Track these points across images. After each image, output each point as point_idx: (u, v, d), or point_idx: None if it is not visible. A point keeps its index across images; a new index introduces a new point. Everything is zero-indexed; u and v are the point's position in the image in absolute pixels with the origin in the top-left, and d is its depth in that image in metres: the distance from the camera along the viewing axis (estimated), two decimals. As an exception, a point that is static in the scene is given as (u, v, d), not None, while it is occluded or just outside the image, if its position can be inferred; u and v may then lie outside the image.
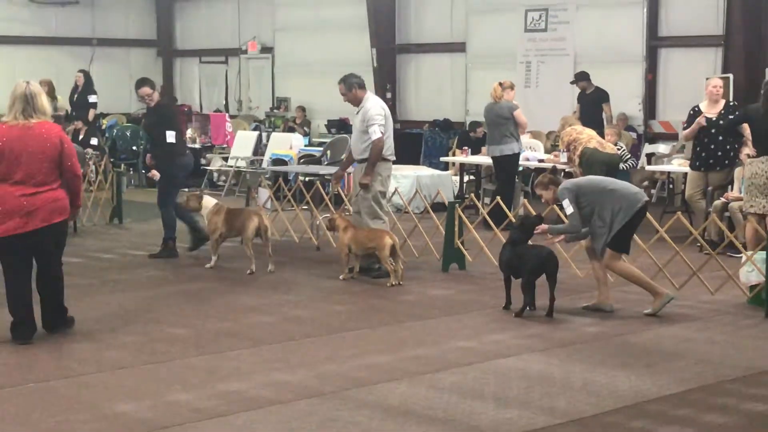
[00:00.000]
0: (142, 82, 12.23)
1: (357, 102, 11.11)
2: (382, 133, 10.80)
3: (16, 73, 23.41)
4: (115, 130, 21.15)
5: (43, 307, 8.26)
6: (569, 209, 9.17)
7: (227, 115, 22.78)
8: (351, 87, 11.13)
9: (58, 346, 7.98)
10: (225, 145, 20.71)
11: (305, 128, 22.34)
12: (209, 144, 21.01)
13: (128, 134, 20.84)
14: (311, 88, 23.37)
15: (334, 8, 23.56)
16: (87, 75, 20.66)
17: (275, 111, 24.42)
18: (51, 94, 17.86)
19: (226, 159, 20.10)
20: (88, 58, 25.64)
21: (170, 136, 11.96)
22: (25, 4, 25.48)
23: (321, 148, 18.28)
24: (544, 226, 9.45)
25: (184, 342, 8.22)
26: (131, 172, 20.22)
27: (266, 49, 25.22)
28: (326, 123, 22.75)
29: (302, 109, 23.23)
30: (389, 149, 11.03)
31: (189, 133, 21.22)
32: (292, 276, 11.11)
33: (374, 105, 10.97)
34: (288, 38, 24.77)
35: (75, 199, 8.21)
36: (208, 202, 11.65)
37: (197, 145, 20.79)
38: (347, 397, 6.77)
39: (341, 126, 21.56)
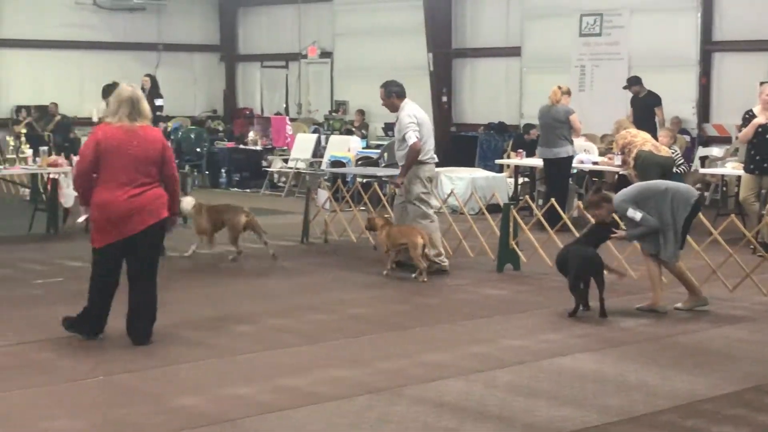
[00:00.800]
0: (106, 93, 12.38)
1: (394, 109, 11.37)
2: (417, 138, 11.00)
3: (85, 77, 23.96)
4: (180, 133, 21.48)
5: (137, 318, 8.09)
6: (638, 215, 9.18)
7: (287, 118, 23.03)
8: (390, 94, 11.37)
9: (123, 340, 8.09)
10: (285, 147, 20.95)
11: (363, 131, 22.49)
12: (270, 146, 21.27)
13: (192, 136, 21.19)
14: (369, 92, 23.32)
15: (392, 14, 23.70)
16: (153, 79, 21.04)
17: (334, 114, 24.63)
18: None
19: (286, 161, 20.36)
20: (154, 63, 26.02)
21: None
22: (95, 10, 25.91)
23: (378, 151, 18.43)
24: (621, 233, 9.51)
25: (246, 338, 8.38)
26: (195, 173, 20.57)
27: (326, 54, 25.42)
28: (383, 126, 22.89)
29: (361, 112, 23.39)
30: (428, 153, 11.22)
31: (251, 135, 21.52)
32: (350, 275, 11.26)
33: (406, 114, 11.16)
34: (347, 43, 24.96)
35: (174, 205, 8.20)
36: (187, 204, 12.03)
37: (258, 147, 21.07)
38: (404, 394, 6.85)
39: (398, 129, 21.68)
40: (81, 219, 12.00)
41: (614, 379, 7.26)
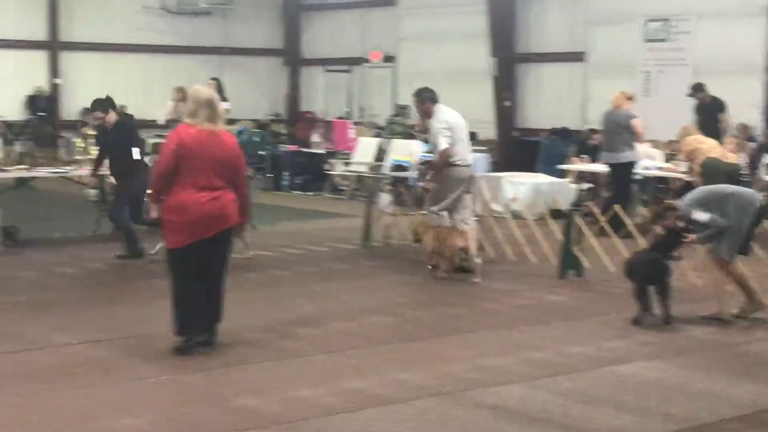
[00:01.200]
0: (93, 107, 12.46)
1: (428, 115, 11.58)
2: (448, 144, 11.18)
3: (152, 80, 24.24)
4: (243, 136, 21.61)
5: (203, 319, 8.04)
6: (704, 216, 9.12)
7: (350, 122, 23.08)
8: (423, 101, 11.59)
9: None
10: (347, 151, 20.99)
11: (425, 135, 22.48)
12: (332, 150, 21.33)
13: (256, 140, 21.34)
14: (432, 97, 23.49)
15: (456, 18, 23.68)
16: (219, 82, 21.20)
17: (396, 118, 24.64)
18: (184, 100, 18.43)
19: (347, 164, 20.40)
20: (219, 67, 26.27)
21: (135, 153, 12.25)
22: (161, 14, 26.24)
23: (440, 155, 18.39)
24: (692, 236, 9.43)
25: (308, 340, 8.43)
26: (258, 176, 20.71)
27: (388, 58, 25.48)
28: (445, 130, 22.83)
29: (424, 116, 23.37)
30: (458, 155, 11.35)
31: (313, 138, 21.60)
32: (410, 279, 11.28)
33: (436, 120, 11.40)
34: (411, 47, 24.97)
35: (247, 210, 8.28)
36: None
37: (321, 150, 21.15)
38: (464, 398, 6.88)
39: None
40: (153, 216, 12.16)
41: (678, 388, 7.21)
